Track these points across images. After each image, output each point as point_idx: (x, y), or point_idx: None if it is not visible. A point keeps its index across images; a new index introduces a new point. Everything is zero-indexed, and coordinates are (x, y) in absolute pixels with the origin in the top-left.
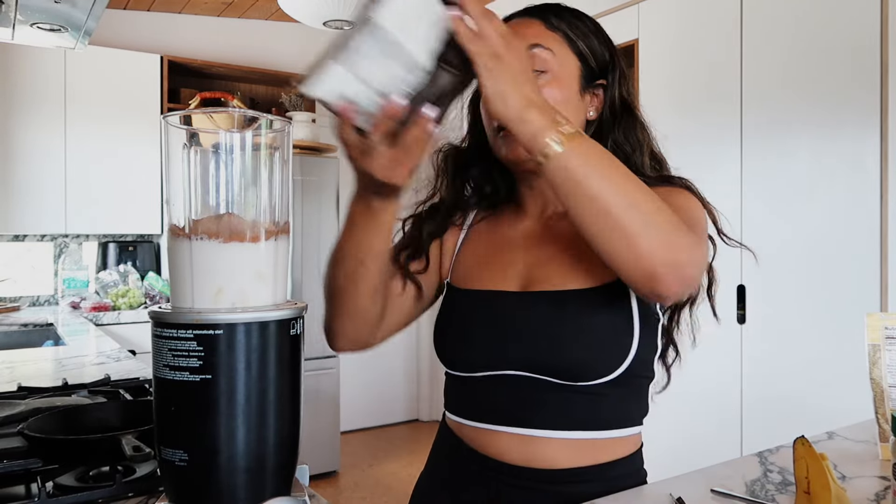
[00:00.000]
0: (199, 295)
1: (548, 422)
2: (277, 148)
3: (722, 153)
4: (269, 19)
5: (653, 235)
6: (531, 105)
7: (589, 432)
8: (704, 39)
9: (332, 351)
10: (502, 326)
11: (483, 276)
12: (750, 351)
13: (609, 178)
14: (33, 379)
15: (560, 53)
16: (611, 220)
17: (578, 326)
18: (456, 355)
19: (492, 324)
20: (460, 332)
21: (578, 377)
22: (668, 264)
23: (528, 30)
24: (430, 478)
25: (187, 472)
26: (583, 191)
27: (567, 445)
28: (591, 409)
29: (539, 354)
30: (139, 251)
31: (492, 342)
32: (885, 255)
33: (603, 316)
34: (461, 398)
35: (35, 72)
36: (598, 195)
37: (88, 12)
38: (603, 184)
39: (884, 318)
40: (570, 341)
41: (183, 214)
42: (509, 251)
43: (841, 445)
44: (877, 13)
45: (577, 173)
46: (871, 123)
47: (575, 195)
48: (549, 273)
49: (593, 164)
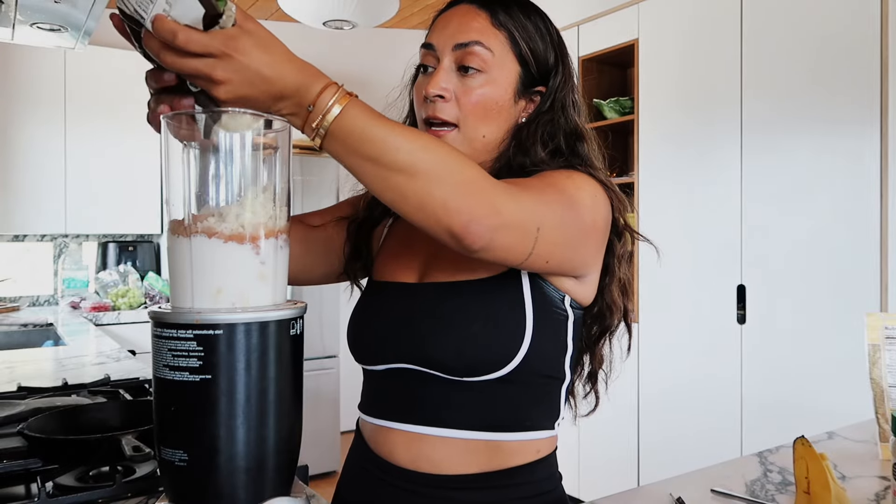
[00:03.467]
0: (198, 295)
1: (432, 418)
2: (277, 148)
3: (722, 152)
4: (269, 19)
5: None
6: (281, 98)
7: (478, 433)
8: (704, 39)
9: (332, 351)
10: (392, 318)
11: (389, 268)
12: (750, 351)
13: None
14: (33, 379)
15: (500, 54)
16: (398, 182)
17: (463, 318)
18: (355, 346)
19: (385, 315)
20: (360, 324)
21: (464, 372)
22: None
23: (473, 22)
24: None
25: (187, 472)
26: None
27: (455, 446)
28: (481, 407)
29: (422, 346)
30: (139, 251)
31: (385, 333)
32: (885, 255)
33: (489, 310)
34: (365, 393)
35: (35, 72)
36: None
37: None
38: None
39: (884, 318)
40: (454, 333)
41: (182, 214)
42: (417, 244)
43: (841, 445)
44: (877, 12)
45: (356, 135)
46: (872, 122)
47: (357, 162)
48: (444, 265)
49: (371, 127)
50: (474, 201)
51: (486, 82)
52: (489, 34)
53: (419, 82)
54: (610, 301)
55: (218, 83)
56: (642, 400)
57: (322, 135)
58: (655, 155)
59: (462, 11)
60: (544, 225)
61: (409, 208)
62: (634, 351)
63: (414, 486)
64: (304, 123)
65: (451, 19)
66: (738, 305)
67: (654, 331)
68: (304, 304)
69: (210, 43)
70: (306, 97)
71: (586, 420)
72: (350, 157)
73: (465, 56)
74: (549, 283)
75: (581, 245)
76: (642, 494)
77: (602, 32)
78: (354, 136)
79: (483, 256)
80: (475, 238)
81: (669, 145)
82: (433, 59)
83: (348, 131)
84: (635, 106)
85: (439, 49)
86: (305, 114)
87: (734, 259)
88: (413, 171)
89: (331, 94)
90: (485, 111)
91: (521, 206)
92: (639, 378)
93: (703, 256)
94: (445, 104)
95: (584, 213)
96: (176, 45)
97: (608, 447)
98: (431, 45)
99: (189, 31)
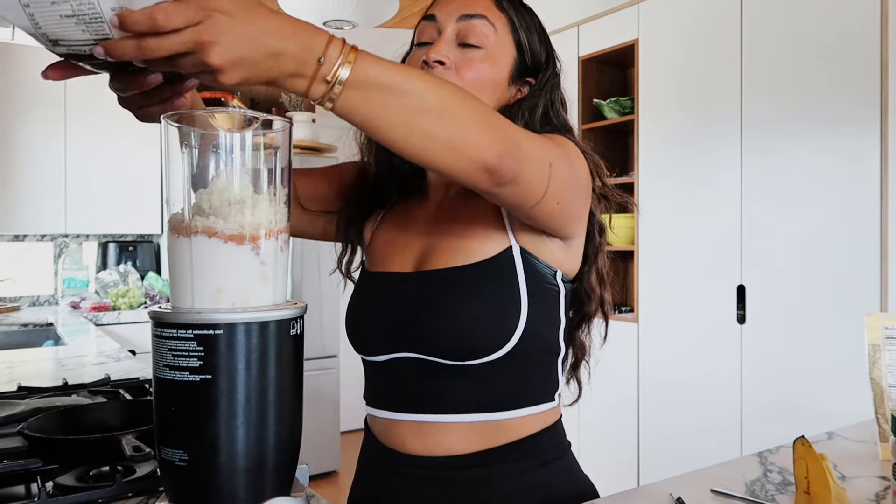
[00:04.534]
0: (198, 295)
1: (440, 406)
2: (277, 148)
3: (722, 152)
4: None
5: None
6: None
7: (485, 414)
8: (704, 39)
9: (332, 351)
10: (392, 307)
11: (385, 259)
12: (750, 351)
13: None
14: (33, 379)
15: (501, 35)
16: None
17: (461, 304)
18: (355, 338)
19: (385, 305)
20: (360, 315)
21: (463, 356)
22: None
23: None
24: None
25: (187, 472)
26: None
27: (463, 430)
28: (484, 390)
29: (423, 335)
30: (139, 251)
31: (383, 324)
32: (885, 255)
33: (485, 293)
34: (369, 386)
35: (35, 72)
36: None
37: None
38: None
39: (884, 318)
40: (450, 319)
41: (183, 214)
42: (412, 234)
43: (841, 445)
44: (877, 12)
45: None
46: (872, 122)
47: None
48: (439, 253)
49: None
50: (499, 135)
51: (485, 58)
52: (493, 13)
53: (415, 53)
54: (588, 288)
55: (209, 47)
56: (642, 400)
57: (338, 90)
58: (655, 155)
59: None
60: (553, 163)
61: (438, 151)
62: (634, 351)
63: (428, 472)
64: (311, 80)
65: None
66: (738, 305)
67: (654, 331)
68: (304, 305)
69: (187, 9)
70: (312, 50)
71: (586, 420)
72: (370, 108)
73: (469, 29)
74: (539, 260)
75: (577, 192)
76: (642, 494)
77: (602, 32)
78: (376, 85)
79: (508, 192)
80: (507, 170)
81: (669, 145)
82: (434, 32)
83: (367, 80)
84: (635, 106)
85: (442, 20)
86: (314, 68)
87: (734, 259)
88: (440, 110)
89: (339, 46)
90: (481, 86)
91: (534, 141)
92: (639, 378)
93: (703, 256)
94: (446, 71)
95: (576, 164)
96: (157, 28)
97: (608, 447)
98: (434, 16)
99: (163, 7)
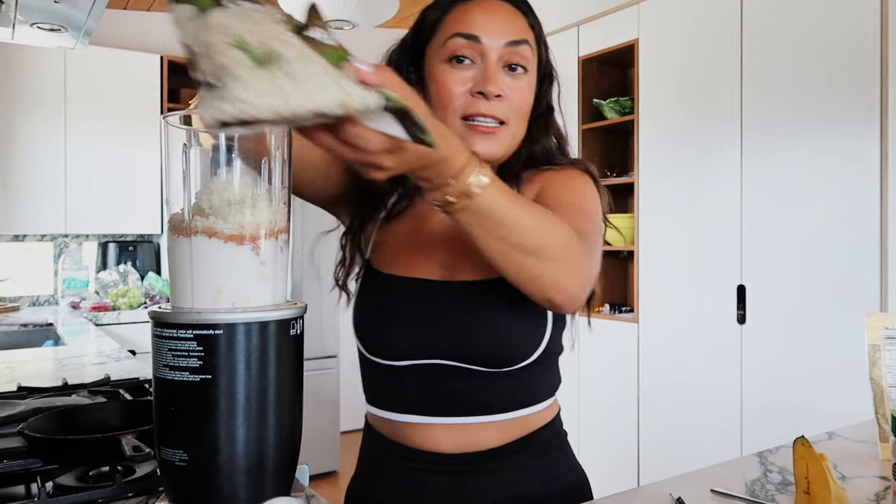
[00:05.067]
0: (198, 295)
1: (473, 408)
2: (278, 148)
3: (722, 153)
4: None
5: (554, 272)
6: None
7: (515, 412)
8: (704, 39)
9: (332, 351)
10: (427, 315)
11: (406, 262)
12: (750, 351)
13: (517, 224)
14: (33, 379)
15: (535, 55)
16: (518, 259)
17: (498, 316)
18: (381, 341)
19: (417, 312)
20: (385, 319)
21: (501, 364)
22: (567, 294)
23: (517, 21)
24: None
25: (187, 472)
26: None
27: (496, 427)
28: (515, 391)
29: (462, 343)
30: (139, 251)
31: (417, 330)
32: (885, 255)
33: (519, 304)
34: (383, 389)
35: (35, 72)
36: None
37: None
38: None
39: (884, 318)
40: (491, 330)
41: (183, 214)
42: (430, 238)
43: (841, 445)
44: (877, 12)
45: (492, 217)
46: (872, 122)
47: (481, 234)
48: (467, 263)
49: (505, 209)
50: (578, 280)
51: (528, 83)
52: (530, 33)
53: (455, 74)
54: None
55: (382, 170)
56: (642, 400)
57: (456, 207)
58: (655, 155)
59: (501, 8)
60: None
61: (522, 278)
62: (634, 351)
63: (460, 467)
64: (437, 189)
65: (493, 14)
66: (738, 305)
67: (654, 331)
68: (304, 305)
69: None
70: (448, 170)
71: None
72: (478, 230)
73: (514, 54)
74: None
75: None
76: (642, 494)
77: (602, 32)
78: (490, 217)
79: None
80: (570, 308)
81: (669, 145)
82: (474, 53)
83: (486, 212)
84: (635, 106)
85: (487, 43)
86: (444, 185)
87: (734, 259)
88: (537, 254)
89: (472, 170)
90: (526, 111)
91: (594, 264)
92: (639, 378)
93: (703, 256)
94: (501, 102)
95: (599, 222)
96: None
97: (608, 447)
98: (478, 37)
99: (380, 141)
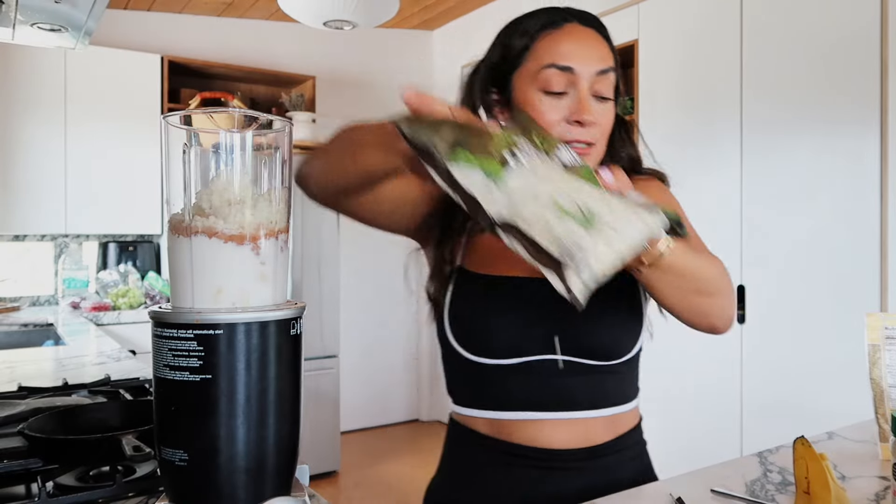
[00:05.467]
0: (199, 295)
1: (588, 402)
2: (277, 148)
3: (722, 153)
4: (269, 19)
5: (721, 304)
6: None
7: (617, 408)
8: (704, 39)
9: (332, 351)
10: (532, 312)
11: (502, 262)
12: (750, 351)
13: (693, 273)
14: (33, 379)
15: (616, 77)
16: (694, 300)
17: (605, 309)
18: (488, 341)
19: (525, 309)
20: (490, 319)
21: (609, 356)
22: (729, 321)
23: (602, 48)
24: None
25: (187, 472)
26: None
27: (602, 423)
28: (617, 386)
29: (579, 337)
30: (139, 251)
31: (527, 327)
32: (885, 255)
33: (622, 298)
34: (485, 389)
35: (35, 72)
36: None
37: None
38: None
39: (884, 318)
40: (600, 323)
41: (183, 214)
42: None
43: (841, 445)
44: (877, 12)
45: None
46: (872, 122)
47: (665, 286)
48: None
49: (688, 263)
50: (733, 304)
51: (612, 106)
52: (613, 61)
53: (551, 104)
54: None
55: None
56: (642, 400)
57: (645, 268)
58: (655, 155)
59: (588, 36)
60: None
61: (693, 315)
62: None
63: (571, 463)
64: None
65: (582, 43)
66: (738, 305)
67: (654, 330)
68: (303, 305)
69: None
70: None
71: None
72: (661, 285)
73: (603, 81)
74: None
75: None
76: (642, 494)
77: None
78: (674, 271)
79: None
80: (727, 330)
81: (669, 145)
82: (565, 83)
83: (672, 268)
84: (635, 106)
85: (580, 72)
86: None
87: (734, 259)
88: (710, 293)
89: (666, 240)
90: (609, 129)
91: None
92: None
93: None
94: (591, 128)
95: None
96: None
97: None
98: (572, 68)
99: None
